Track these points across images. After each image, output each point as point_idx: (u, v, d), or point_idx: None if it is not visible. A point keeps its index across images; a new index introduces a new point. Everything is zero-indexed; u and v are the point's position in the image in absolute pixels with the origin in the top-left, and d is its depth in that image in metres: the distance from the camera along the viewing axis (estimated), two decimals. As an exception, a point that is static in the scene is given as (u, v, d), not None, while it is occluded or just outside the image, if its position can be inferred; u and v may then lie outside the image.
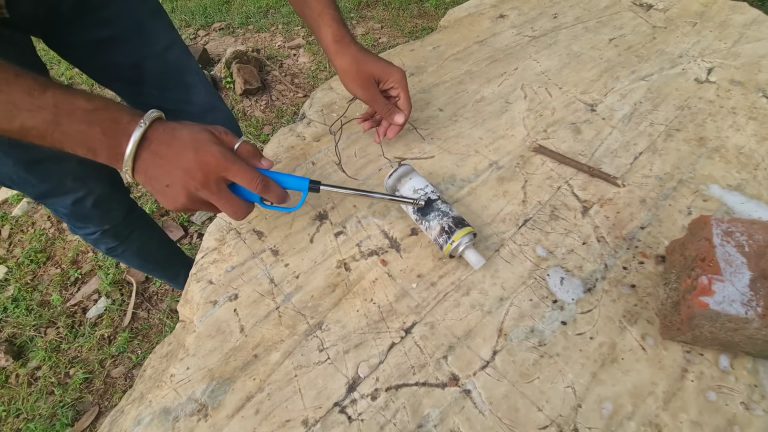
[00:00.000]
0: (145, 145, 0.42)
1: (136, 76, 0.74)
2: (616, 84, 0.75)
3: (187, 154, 0.42)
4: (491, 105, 0.73)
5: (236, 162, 0.43)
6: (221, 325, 0.48)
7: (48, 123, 0.39)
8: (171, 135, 0.42)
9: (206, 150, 0.42)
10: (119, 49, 0.70)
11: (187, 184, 0.42)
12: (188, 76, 0.80)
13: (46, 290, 1.36)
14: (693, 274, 0.40)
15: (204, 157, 0.42)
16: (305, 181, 0.49)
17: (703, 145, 0.63)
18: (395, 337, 0.46)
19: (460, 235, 0.48)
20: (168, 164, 0.42)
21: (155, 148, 0.42)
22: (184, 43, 0.81)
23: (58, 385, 1.16)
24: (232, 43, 2.42)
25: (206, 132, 0.44)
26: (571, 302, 0.47)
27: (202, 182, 0.43)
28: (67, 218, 0.81)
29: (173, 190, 0.43)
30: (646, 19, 0.90)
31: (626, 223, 0.55)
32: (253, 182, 0.44)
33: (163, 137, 0.42)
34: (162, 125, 0.43)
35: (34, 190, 0.71)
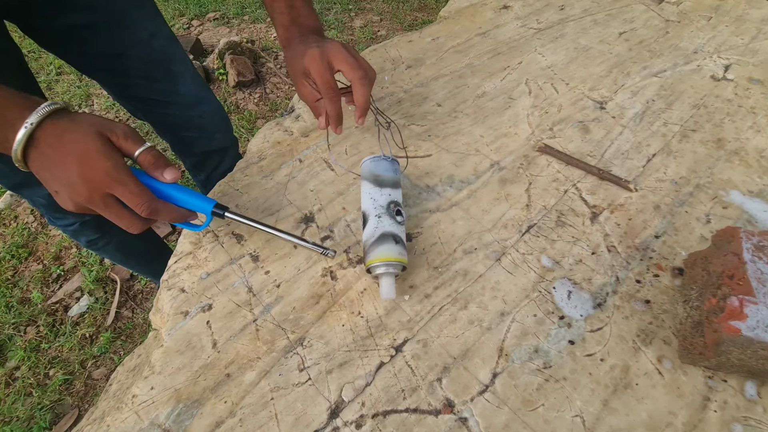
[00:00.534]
0: (33, 145, 0.38)
1: (120, 66, 0.71)
2: (627, 80, 0.70)
3: (72, 167, 0.38)
4: (493, 101, 0.68)
5: (123, 181, 0.39)
6: (192, 340, 0.43)
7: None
8: (58, 138, 0.38)
9: (92, 165, 0.38)
10: (100, 38, 0.67)
11: (72, 196, 0.39)
12: (175, 65, 0.76)
13: (26, 287, 1.31)
14: (719, 293, 0.36)
15: (88, 173, 0.38)
16: (209, 205, 0.45)
17: (722, 148, 0.59)
18: (384, 356, 0.41)
19: (378, 259, 0.43)
20: (54, 169, 0.39)
21: (42, 149, 0.38)
22: (171, 31, 0.76)
23: (36, 386, 1.12)
24: (226, 34, 2.36)
25: (98, 139, 0.39)
26: (580, 319, 0.43)
27: (87, 198, 0.39)
28: (44, 209, 0.77)
29: (61, 197, 0.40)
30: (658, 13, 0.85)
31: (639, 231, 0.50)
32: (139, 206, 0.40)
33: (51, 140, 0.38)
34: (53, 124, 0.38)
35: (9, 180, 0.68)
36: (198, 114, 0.82)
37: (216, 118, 0.86)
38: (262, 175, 0.59)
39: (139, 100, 0.77)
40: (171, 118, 0.81)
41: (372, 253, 0.44)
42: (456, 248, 0.49)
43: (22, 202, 1.55)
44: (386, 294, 0.42)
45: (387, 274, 0.43)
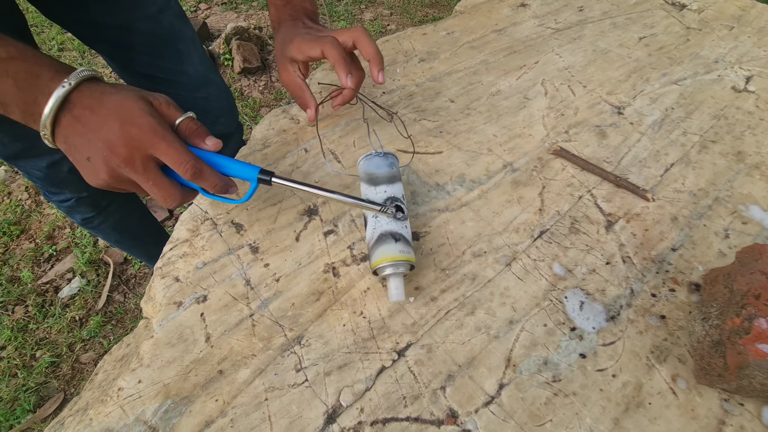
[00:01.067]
0: (67, 108, 0.35)
1: (126, 39, 0.69)
2: (646, 86, 0.68)
3: (112, 124, 0.35)
4: (508, 99, 0.66)
5: (167, 138, 0.36)
6: (184, 332, 0.41)
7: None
8: (98, 99, 0.35)
9: (135, 122, 0.35)
10: (107, 8, 0.64)
11: (108, 159, 0.36)
12: (182, 43, 0.74)
13: (17, 265, 1.28)
14: (744, 312, 0.34)
15: (131, 130, 0.35)
16: (254, 170, 0.42)
17: (742, 161, 0.57)
18: (386, 360, 0.39)
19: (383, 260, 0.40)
20: (90, 133, 0.35)
21: (78, 112, 0.35)
22: (180, 8, 0.74)
23: (22, 367, 1.09)
24: (233, 19, 2.32)
25: (141, 100, 0.37)
26: (592, 331, 0.41)
27: (126, 159, 0.36)
28: (41, 183, 0.75)
29: (94, 165, 0.36)
30: (679, 19, 0.83)
31: (655, 242, 0.48)
32: (183, 165, 0.37)
33: (89, 101, 0.35)
34: (90, 87, 0.36)
35: (6, 150, 0.65)
36: (203, 96, 0.80)
37: (221, 102, 0.83)
38: (266, 163, 0.56)
39: (143, 77, 0.75)
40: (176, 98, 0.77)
41: (375, 254, 0.42)
42: (465, 250, 0.47)
43: (16, 178, 1.52)
44: (396, 296, 0.40)
45: (395, 274, 0.41)
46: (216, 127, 0.86)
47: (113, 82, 0.39)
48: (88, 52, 2.06)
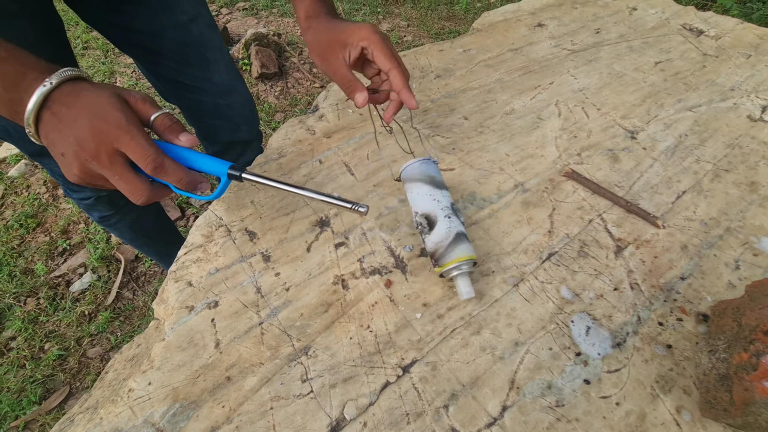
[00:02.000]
0: (47, 106, 0.37)
1: (155, 45, 0.71)
2: (661, 112, 0.68)
3: (83, 120, 0.36)
4: (521, 119, 0.67)
5: (131, 132, 0.37)
6: (194, 337, 0.42)
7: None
8: (75, 97, 0.37)
9: (103, 117, 0.36)
10: (141, 15, 0.67)
11: (78, 154, 0.37)
12: (210, 51, 0.76)
13: (31, 257, 1.31)
14: (752, 348, 0.34)
15: (98, 124, 0.36)
16: (225, 166, 0.42)
17: (755, 191, 0.57)
18: (391, 376, 0.40)
19: (458, 259, 0.42)
20: (64, 129, 0.36)
21: (56, 109, 0.37)
22: (211, 17, 0.76)
23: (30, 359, 1.11)
24: (253, 25, 2.36)
25: (114, 96, 0.37)
26: (597, 357, 0.41)
27: (93, 153, 0.36)
28: (62, 180, 0.77)
29: (67, 160, 0.37)
30: (696, 45, 0.83)
31: (664, 270, 0.48)
32: (144, 159, 0.37)
33: (66, 99, 0.37)
34: (72, 86, 0.37)
35: (31, 147, 0.67)
36: (227, 103, 0.82)
37: (244, 110, 0.85)
38: (280, 172, 0.58)
39: (170, 82, 0.77)
40: (200, 104, 0.80)
41: (450, 254, 0.43)
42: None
43: (35, 171, 1.56)
44: (468, 293, 0.42)
45: (466, 273, 0.43)
46: (237, 134, 0.88)
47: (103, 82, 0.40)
48: (111, 51, 2.12)
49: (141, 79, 1.99)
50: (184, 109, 0.84)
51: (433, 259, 0.45)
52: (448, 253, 0.43)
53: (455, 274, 0.43)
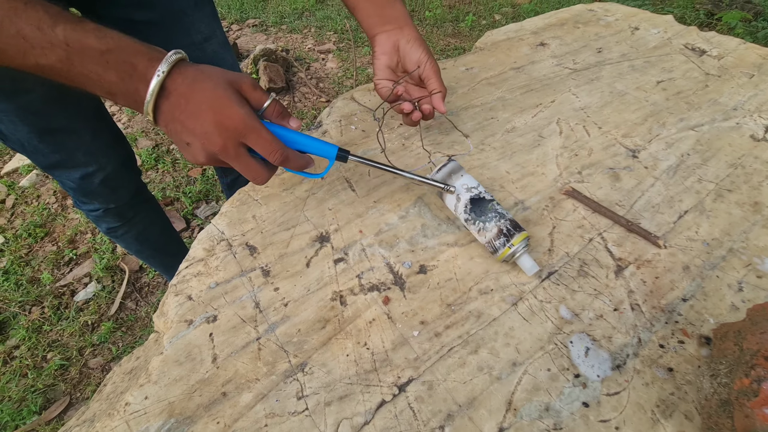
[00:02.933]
0: (164, 95, 0.39)
1: None
2: (662, 131, 0.68)
3: (206, 116, 0.39)
4: (522, 137, 0.67)
5: (256, 128, 0.40)
6: (192, 351, 0.42)
7: (62, 61, 0.35)
8: (191, 87, 0.39)
9: (227, 113, 0.39)
10: (155, 35, 0.70)
11: (205, 146, 0.40)
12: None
13: (38, 267, 1.33)
14: (753, 373, 0.33)
15: (223, 121, 0.39)
16: (333, 149, 0.47)
17: (759, 212, 0.56)
18: (386, 394, 0.39)
19: (518, 240, 0.47)
20: (187, 120, 0.39)
21: (174, 100, 0.39)
22: (225, 36, 0.79)
23: (33, 368, 1.12)
24: (263, 41, 2.42)
25: (229, 88, 0.40)
26: (596, 380, 0.41)
27: (221, 147, 0.40)
28: (73, 192, 0.80)
29: (193, 149, 0.41)
30: (699, 65, 0.84)
31: (666, 291, 0.48)
32: (273, 154, 0.42)
33: (183, 89, 0.39)
34: (182, 73, 0.39)
35: (45, 160, 0.70)
36: None
37: None
38: (283, 187, 0.58)
39: None
40: None
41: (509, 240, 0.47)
42: (471, 287, 0.48)
43: (46, 182, 1.59)
44: (533, 268, 0.47)
45: (524, 252, 0.47)
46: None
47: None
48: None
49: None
50: None
51: (492, 247, 0.48)
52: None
53: (518, 255, 0.47)
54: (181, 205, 1.51)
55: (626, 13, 1.01)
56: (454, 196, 0.50)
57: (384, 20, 0.59)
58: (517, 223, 0.48)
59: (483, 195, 0.50)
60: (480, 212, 0.48)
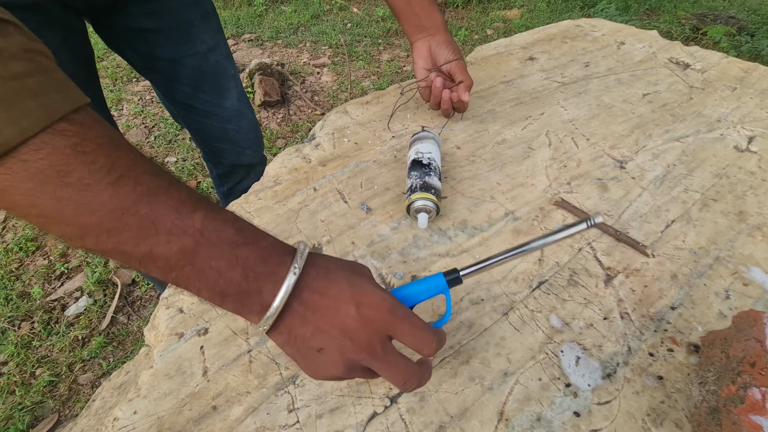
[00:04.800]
0: (295, 295, 0.30)
1: (173, 71, 0.76)
2: (649, 142, 0.70)
3: (348, 310, 0.30)
4: (512, 149, 0.68)
5: (407, 315, 0.32)
6: (183, 364, 0.42)
7: (185, 253, 0.27)
8: (326, 279, 0.31)
9: (370, 303, 0.31)
10: (161, 43, 0.72)
11: (346, 349, 0.30)
12: (224, 80, 0.81)
13: (29, 281, 1.31)
14: (739, 380, 0.34)
15: (368, 313, 0.30)
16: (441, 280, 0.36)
17: (743, 221, 0.57)
18: (378, 406, 0.39)
19: (417, 196, 0.53)
20: (322, 321, 0.30)
21: (308, 297, 0.30)
22: (228, 48, 0.81)
23: (21, 384, 1.10)
24: (258, 55, 2.45)
25: (363, 275, 0.33)
26: (587, 389, 0.41)
27: (366, 347, 0.30)
28: None
29: (327, 357, 0.31)
30: (683, 78, 0.86)
31: (654, 300, 0.48)
32: (429, 344, 0.32)
33: (317, 283, 0.30)
34: (314, 265, 0.31)
35: None
36: (234, 128, 0.85)
37: (250, 135, 0.88)
38: (276, 200, 0.59)
39: (182, 106, 0.81)
40: (208, 127, 0.84)
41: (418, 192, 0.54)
42: (463, 297, 0.48)
43: (39, 196, 1.58)
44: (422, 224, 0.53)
45: (422, 211, 0.54)
46: (242, 157, 0.91)
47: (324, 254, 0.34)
48: (119, 80, 2.19)
49: (147, 106, 2.04)
50: (192, 131, 0.87)
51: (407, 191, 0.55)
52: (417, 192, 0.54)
53: (415, 208, 0.54)
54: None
55: (612, 29, 1.04)
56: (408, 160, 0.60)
57: (421, 29, 0.69)
58: (431, 187, 0.54)
59: (422, 160, 0.57)
60: (412, 171, 0.57)
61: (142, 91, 2.14)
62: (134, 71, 2.23)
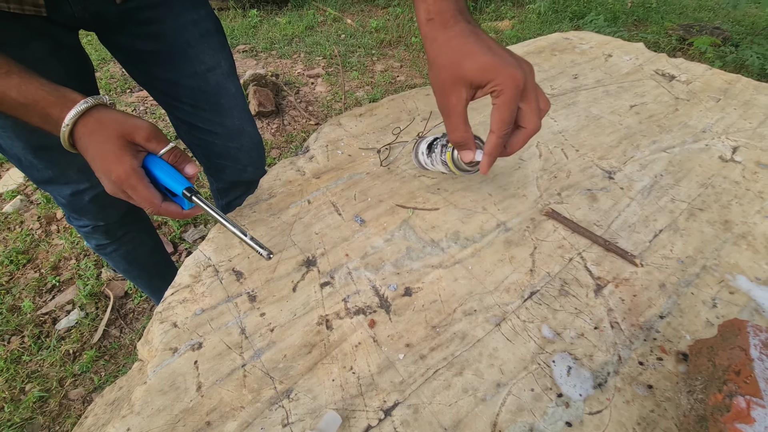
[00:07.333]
0: (75, 139, 0.46)
1: (173, 91, 0.77)
2: (636, 153, 0.72)
3: (98, 165, 0.46)
4: (504, 160, 0.69)
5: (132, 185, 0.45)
6: (176, 380, 0.42)
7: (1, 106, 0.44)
8: (89, 138, 0.45)
9: (110, 167, 0.45)
10: (160, 64, 0.72)
11: (105, 184, 0.47)
12: (225, 99, 0.80)
13: (19, 294, 1.29)
14: (725, 388, 0.34)
15: (108, 174, 0.45)
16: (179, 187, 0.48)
17: (729, 230, 0.59)
18: (372, 419, 0.40)
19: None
20: (92, 163, 0.46)
21: (81, 144, 0.46)
22: (231, 65, 0.80)
23: (10, 401, 1.08)
24: (253, 66, 2.46)
25: (117, 141, 0.45)
26: (579, 399, 0.41)
27: (112, 190, 0.47)
28: (64, 207, 0.82)
29: (102, 182, 0.47)
30: (669, 90, 0.88)
31: (644, 309, 0.49)
32: (146, 208, 0.48)
33: (84, 138, 0.45)
34: (83, 125, 0.45)
35: (39, 175, 0.72)
36: (236, 146, 0.85)
37: (252, 153, 0.88)
38: (270, 213, 0.59)
39: (184, 122, 0.81)
40: (210, 145, 0.84)
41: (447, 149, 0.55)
42: (456, 308, 0.49)
43: (30, 207, 1.57)
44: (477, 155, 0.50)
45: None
46: (243, 174, 0.91)
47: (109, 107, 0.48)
48: (113, 90, 2.19)
49: (141, 117, 2.04)
50: (194, 147, 0.87)
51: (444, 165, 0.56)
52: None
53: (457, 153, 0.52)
54: (168, 229, 1.51)
55: (600, 41, 1.06)
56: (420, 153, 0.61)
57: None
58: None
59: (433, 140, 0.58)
60: (430, 150, 0.58)
61: (136, 102, 2.14)
62: (128, 82, 2.23)
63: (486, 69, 0.41)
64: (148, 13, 0.67)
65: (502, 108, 0.42)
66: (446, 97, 0.44)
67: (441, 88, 0.44)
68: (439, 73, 0.44)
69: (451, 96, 0.43)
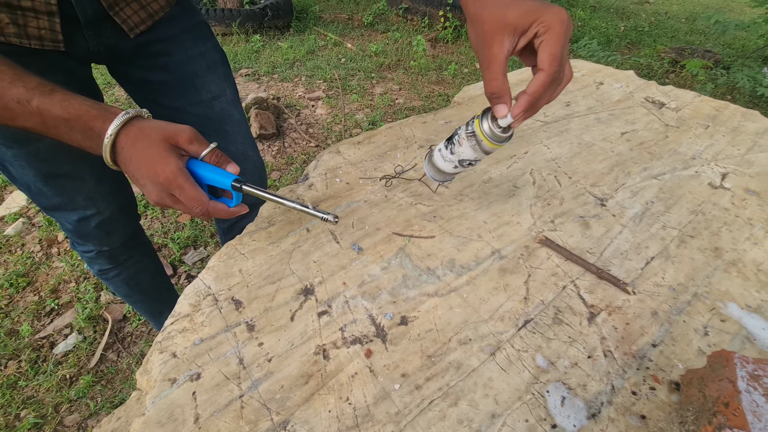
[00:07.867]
0: (117, 151, 0.48)
1: (178, 117, 0.79)
2: (628, 180, 0.73)
3: (143, 171, 0.47)
4: (498, 187, 0.71)
5: (180, 185, 0.47)
6: (175, 411, 0.42)
7: (40, 126, 0.46)
8: (132, 146, 0.47)
9: (156, 170, 0.46)
10: (166, 94, 0.75)
11: (150, 192, 0.48)
12: (229, 125, 0.83)
13: (18, 318, 1.29)
14: (714, 420, 0.35)
15: (154, 178, 0.47)
16: (228, 181, 0.51)
17: (719, 257, 0.60)
18: (368, 451, 0.40)
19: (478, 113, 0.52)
20: (134, 172, 0.48)
21: (123, 157, 0.48)
22: (235, 93, 0.83)
23: (5, 427, 1.06)
24: (254, 89, 2.52)
25: (161, 145, 0.47)
26: (573, 429, 0.42)
27: (158, 196, 0.48)
28: (69, 233, 0.83)
29: (146, 191, 0.49)
30: (659, 117, 0.91)
31: (636, 337, 0.50)
32: (192, 210, 0.49)
33: (127, 149, 0.47)
34: (127, 134, 0.47)
35: (47, 202, 0.74)
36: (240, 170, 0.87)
37: (254, 177, 0.90)
38: (269, 241, 0.61)
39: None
40: None
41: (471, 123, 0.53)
42: (451, 337, 0.49)
43: (32, 230, 1.58)
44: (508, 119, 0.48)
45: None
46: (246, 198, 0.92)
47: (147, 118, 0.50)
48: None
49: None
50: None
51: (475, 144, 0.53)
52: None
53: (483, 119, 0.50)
54: (168, 251, 1.51)
55: (591, 69, 1.10)
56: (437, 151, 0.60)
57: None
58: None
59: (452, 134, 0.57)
60: (449, 142, 0.57)
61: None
62: (132, 106, 2.28)
63: (530, 11, 0.41)
64: (158, 47, 0.70)
65: (550, 42, 0.41)
66: (488, 47, 0.44)
67: (483, 39, 0.44)
68: (482, 27, 0.44)
69: (493, 45, 0.43)
